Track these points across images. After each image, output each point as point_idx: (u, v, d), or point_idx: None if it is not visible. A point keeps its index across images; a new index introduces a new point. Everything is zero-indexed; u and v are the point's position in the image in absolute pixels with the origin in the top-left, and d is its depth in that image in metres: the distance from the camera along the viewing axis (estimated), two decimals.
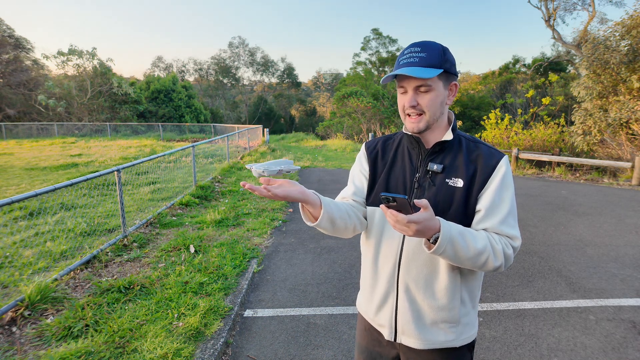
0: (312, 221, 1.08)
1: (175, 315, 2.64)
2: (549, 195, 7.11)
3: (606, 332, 2.64)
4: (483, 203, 1.03)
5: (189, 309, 2.72)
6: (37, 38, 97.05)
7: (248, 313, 2.92)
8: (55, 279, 3.09)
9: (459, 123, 14.92)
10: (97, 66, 24.64)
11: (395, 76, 1.04)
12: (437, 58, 0.99)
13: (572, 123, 12.04)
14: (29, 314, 2.63)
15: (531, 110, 16.47)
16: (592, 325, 2.74)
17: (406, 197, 0.84)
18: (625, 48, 10.02)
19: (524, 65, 27.02)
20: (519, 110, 15.78)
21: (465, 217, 1.03)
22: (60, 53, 23.99)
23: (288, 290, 3.30)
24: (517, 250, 1.03)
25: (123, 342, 2.34)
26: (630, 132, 10.50)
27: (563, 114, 14.36)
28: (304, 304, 3.06)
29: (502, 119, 13.80)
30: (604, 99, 10.83)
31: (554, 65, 24.20)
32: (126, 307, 2.75)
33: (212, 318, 2.65)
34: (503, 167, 1.04)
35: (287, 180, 1.03)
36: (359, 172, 1.24)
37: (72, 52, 24.03)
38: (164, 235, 4.41)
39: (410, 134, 1.11)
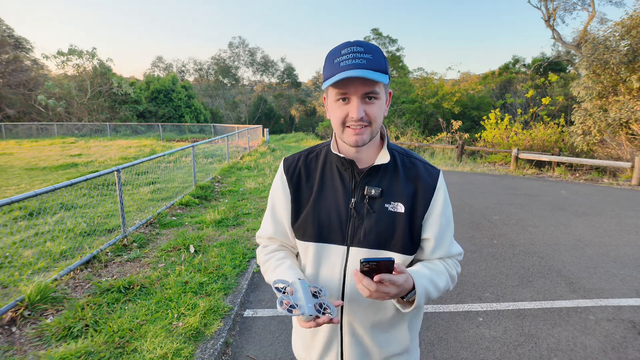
0: None
1: (175, 315, 2.64)
2: (548, 195, 7.12)
3: (606, 332, 2.64)
4: (432, 231, 0.96)
5: (188, 309, 2.72)
6: (36, 38, 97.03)
7: (248, 313, 2.92)
8: (55, 279, 3.09)
9: (458, 123, 14.91)
10: (97, 66, 24.63)
11: (336, 82, 0.85)
12: (382, 60, 0.86)
13: (571, 123, 12.05)
14: (28, 314, 2.62)
15: (531, 110, 16.47)
16: (591, 325, 2.74)
17: (392, 259, 0.77)
18: (625, 48, 10.03)
19: (524, 65, 27.02)
20: (519, 110, 15.79)
21: (411, 244, 0.95)
22: (60, 53, 23.99)
23: None
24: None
25: (123, 342, 2.34)
26: (630, 132, 10.50)
27: (563, 114, 14.36)
28: None
29: (502, 119, 13.80)
30: (604, 99, 10.84)
31: (554, 65, 24.20)
32: (126, 307, 2.75)
33: (212, 318, 2.65)
34: (443, 185, 0.98)
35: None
36: (281, 203, 1.04)
37: (71, 52, 24.02)
38: (164, 235, 4.41)
39: (338, 154, 0.96)
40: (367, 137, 0.90)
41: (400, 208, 0.94)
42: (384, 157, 0.96)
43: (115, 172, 4.09)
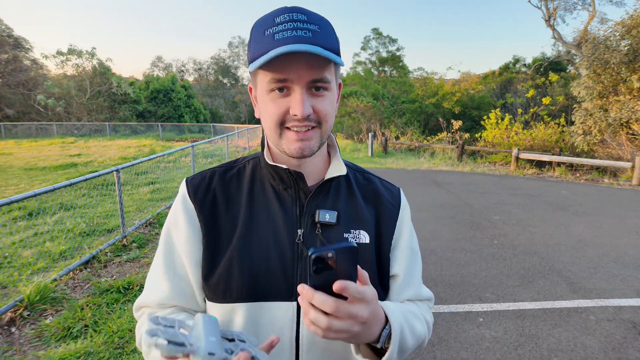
0: None
1: None
2: (549, 195, 7.11)
3: (606, 333, 2.64)
4: (399, 266, 0.72)
5: None
6: (36, 38, 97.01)
7: None
8: (55, 280, 3.09)
9: (459, 123, 14.88)
10: (97, 66, 24.63)
11: (267, 63, 0.57)
12: (333, 38, 0.62)
13: (572, 123, 12.05)
14: (28, 315, 2.62)
15: (531, 110, 16.47)
16: (592, 325, 2.73)
17: (355, 245, 0.50)
18: (626, 48, 10.02)
19: (524, 65, 27.02)
20: (519, 110, 15.78)
21: (381, 286, 0.71)
22: (59, 53, 23.99)
23: None
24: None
25: (122, 343, 2.33)
26: (631, 132, 10.50)
27: (563, 114, 14.36)
28: None
29: (503, 119, 13.79)
30: (604, 99, 10.83)
31: (554, 65, 24.21)
32: (125, 308, 2.74)
33: None
34: (407, 208, 0.78)
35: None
36: (185, 245, 0.69)
37: (71, 51, 24.02)
38: None
39: (276, 164, 0.68)
40: (315, 144, 0.63)
41: (364, 237, 0.70)
42: (338, 169, 0.71)
43: (114, 172, 4.08)
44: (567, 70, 24.32)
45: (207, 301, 0.69)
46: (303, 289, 0.50)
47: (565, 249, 4.25)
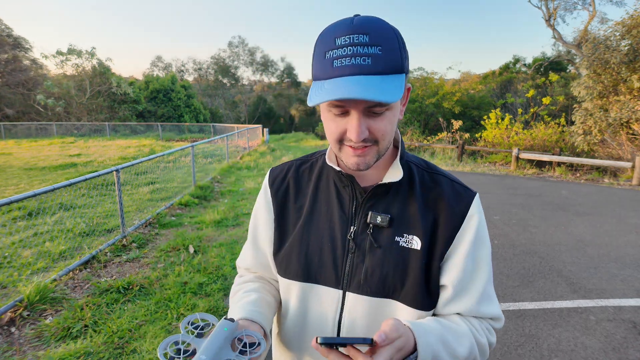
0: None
1: (175, 316, 2.63)
2: (549, 195, 7.11)
3: (607, 333, 2.63)
4: (451, 276, 0.70)
5: (188, 310, 2.71)
6: (36, 37, 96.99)
7: None
8: (54, 280, 3.08)
9: (459, 123, 14.87)
10: (96, 66, 24.61)
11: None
12: (397, 52, 0.59)
13: (572, 123, 12.04)
14: (27, 315, 2.61)
15: (531, 110, 16.47)
16: (592, 325, 2.73)
17: (371, 340, 0.54)
18: (626, 48, 10.02)
19: (525, 64, 27.03)
20: (520, 110, 15.78)
21: (427, 294, 0.70)
22: (59, 52, 23.97)
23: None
24: (499, 331, 0.78)
25: (122, 343, 2.33)
26: (631, 132, 10.50)
27: (563, 114, 14.36)
28: None
29: (503, 119, 13.79)
30: (605, 99, 10.83)
31: (555, 65, 24.21)
32: (125, 308, 2.74)
33: None
34: (475, 216, 0.71)
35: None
36: (263, 226, 0.82)
37: (71, 51, 24.00)
38: (163, 236, 4.40)
39: (335, 167, 0.73)
40: (371, 159, 0.66)
41: (416, 243, 0.70)
42: (395, 174, 0.72)
43: (114, 172, 4.08)
44: (568, 70, 24.33)
45: (277, 274, 0.80)
46: (316, 347, 0.56)
47: (565, 249, 4.25)
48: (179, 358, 0.54)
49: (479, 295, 0.71)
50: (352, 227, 0.73)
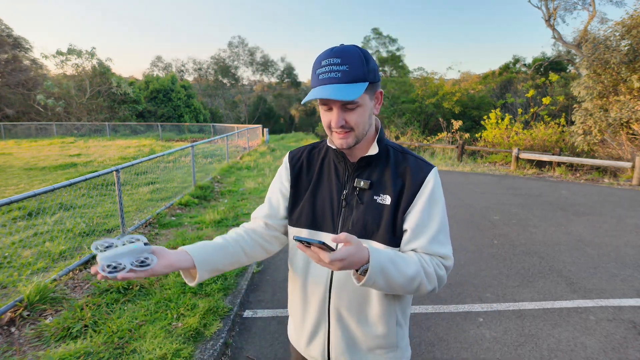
0: (192, 281, 0.97)
1: (175, 316, 2.63)
2: (549, 195, 7.11)
3: (606, 333, 2.64)
4: (410, 223, 0.95)
5: (188, 310, 2.71)
6: (36, 38, 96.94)
7: (247, 313, 2.91)
8: (54, 280, 3.08)
9: (459, 123, 14.89)
10: (96, 66, 24.60)
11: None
12: (360, 69, 0.88)
13: (572, 123, 12.04)
14: (27, 315, 2.61)
15: (531, 110, 16.47)
16: (592, 325, 2.73)
17: (322, 242, 0.78)
18: (626, 48, 10.01)
19: (524, 65, 27.02)
20: (519, 110, 15.77)
21: (393, 237, 0.96)
22: (59, 53, 23.95)
23: (288, 290, 3.29)
24: (449, 270, 0.97)
25: (122, 343, 2.33)
26: (631, 132, 10.49)
27: (563, 114, 14.35)
28: None
29: (503, 119, 13.78)
30: (605, 99, 10.83)
31: (555, 65, 24.20)
32: (125, 308, 2.74)
33: (212, 318, 2.64)
34: (431, 182, 0.97)
35: (154, 250, 0.89)
36: (278, 191, 1.13)
37: (71, 51, 23.99)
38: (163, 236, 4.40)
39: (332, 147, 1.04)
40: (351, 141, 0.95)
41: (387, 200, 0.97)
42: (373, 150, 1.01)
43: (114, 172, 4.08)
44: (567, 70, 24.32)
45: (288, 225, 1.10)
46: (300, 247, 0.81)
47: (565, 249, 4.25)
48: (99, 251, 0.79)
49: (430, 237, 0.95)
50: (344, 191, 1.02)
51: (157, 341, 2.33)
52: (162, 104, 27.72)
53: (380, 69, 33.07)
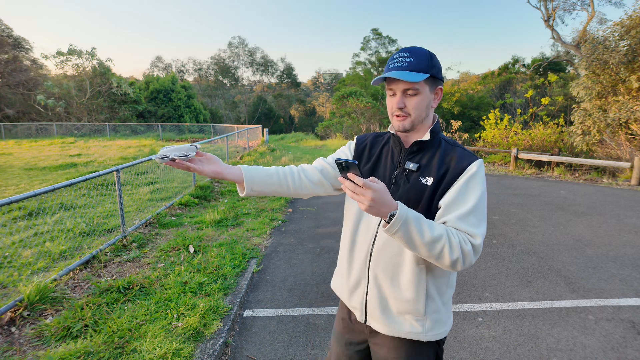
0: (242, 192, 1.17)
1: (175, 316, 2.64)
2: (548, 195, 7.12)
3: (605, 332, 2.64)
4: (444, 200, 1.05)
5: (188, 309, 2.72)
6: (36, 38, 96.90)
7: (247, 313, 2.92)
8: (55, 279, 3.09)
9: (458, 123, 14.91)
10: (97, 66, 24.59)
11: (385, 79, 1.10)
12: (424, 63, 1.04)
13: (571, 123, 12.05)
14: (28, 314, 2.62)
15: (530, 110, 16.48)
16: (591, 325, 2.74)
17: (357, 162, 0.89)
18: (625, 48, 10.02)
19: (524, 65, 27.05)
20: (519, 110, 15.79)
21: (429, 213, 1.07)
22: (59, 53, 23.94)
23: (287, 290, 3.30)
24: (478, 250, 0.99)
25: (122, 343, 2.33)
26: (630, 132, 10.50)
27: (562, 114, 14.37)
28: (303, 304, 3.06)
29: (502, 119, 13.80)
30: (603, 99, 10.84)
31: (553, 66, 24.23)
32: (125, 308, 2.75)
33: (212, 318, 2.65)
34: (473, 169, 1.06)
35: (208, 157, 1.10)
36: (343, 154, 1.31)
37: (71, 52, 23.98)
38: (163, 236, 4.41)
39: (394, 133, 1.18)
40: (408, 125, 1.09)
41: (430, 181, 1.08)
42: (424, 137, 1.13)
43: (114, 172, 4.09)
44: (566, 71, 24.35)
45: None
46: (340, 179, 0.94)
47: (564, 249, 4.26)
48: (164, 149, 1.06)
49: (459, 214, 1.02)
50: (395, 171, 1.16)
51: (157, 341, 2.34)
52: (162, 104, 27.72)
53: (379, 69, 33.13)
